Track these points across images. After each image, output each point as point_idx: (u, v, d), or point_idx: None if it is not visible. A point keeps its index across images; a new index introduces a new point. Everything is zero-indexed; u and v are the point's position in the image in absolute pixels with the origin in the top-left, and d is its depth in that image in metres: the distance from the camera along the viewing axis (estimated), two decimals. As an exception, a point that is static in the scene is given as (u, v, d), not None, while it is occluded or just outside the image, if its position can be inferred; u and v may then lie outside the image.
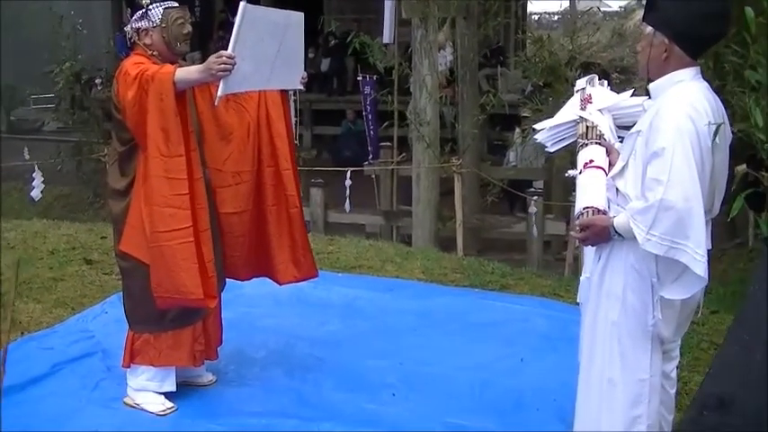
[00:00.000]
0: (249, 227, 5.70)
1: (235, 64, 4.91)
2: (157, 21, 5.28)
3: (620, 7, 31.88)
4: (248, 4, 4.98)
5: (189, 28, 5.40)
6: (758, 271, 2.77)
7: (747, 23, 4.21)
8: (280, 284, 5.96)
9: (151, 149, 5.06)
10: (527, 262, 11.82)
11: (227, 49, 4.97)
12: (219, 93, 5.00)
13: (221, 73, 4.91)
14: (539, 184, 14.04)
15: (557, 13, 45.83)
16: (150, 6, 5.29)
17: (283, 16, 5.51)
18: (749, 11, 4.24)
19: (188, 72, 5.06)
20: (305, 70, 5.65)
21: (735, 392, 2.60)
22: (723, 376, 2.75)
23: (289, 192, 5.70)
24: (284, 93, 5.79)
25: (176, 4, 5.40)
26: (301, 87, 5.73)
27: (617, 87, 8.01)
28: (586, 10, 16.36)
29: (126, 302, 5.55)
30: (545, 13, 49.05)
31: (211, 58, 4.96)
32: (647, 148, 4.02)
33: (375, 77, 15.59)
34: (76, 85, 18.58)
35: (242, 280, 6.00)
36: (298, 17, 5.50)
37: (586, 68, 13.73)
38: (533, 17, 44.04)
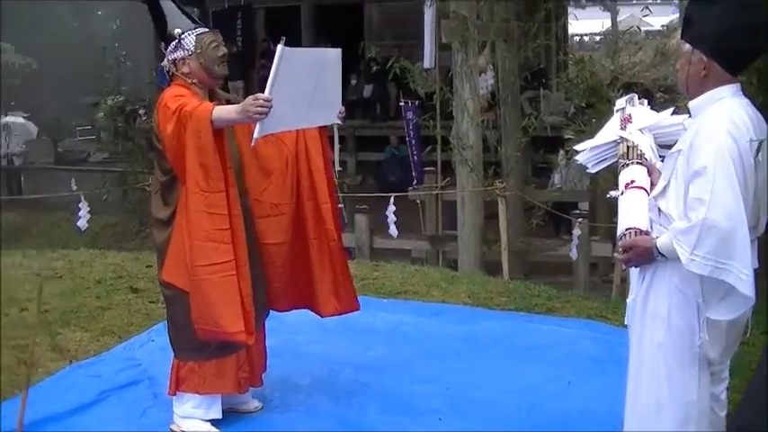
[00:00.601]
0: (289, 258, 5.73)
1: (272, 106, 4.90)
2: (192, 48, 5.32)
3: (663, 26, 31.71)
4: (285, 47, 4.97)
5: (224, 50, 5.43)
6: None
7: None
8: (321, 317, 5.99)
9: (191, 184, 5.09)
10: (574, 284, 11.75)
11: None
12: (256, 134, 5.01)
13: (258, 116, 4.92)
14: (584, 206, 13.97)
15: (598, 34, 45.71)
16: (183, 36, 5.32)
17: (320, 54, 5.54)
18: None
19: (226, 111, 5.07)
20: (347, 97, 5.67)
21: (765, 426, 2.54)
22: (753, 408, 2.70)
23: (328, 225, 5.72)
24: (323, 127, 5.80)
25: (207, 30, 5.44)
26: (339, 122, 5.74)
27: (661, 107, 7.98)
28: (628, 29, 16.32)
29: (170, 330, 5.58)
30: (586, 33, 48.96)
31: (249, 100, 4.96)
32: (688, 168, 3.98)
33: (417, 102, 15.60)
34: (120, 116, 18.75)
35: (280, 311, 6.01)
36: (335, 54, 5.52)
37: (629, 89, 13.70)
38: (575, 38, 43.99)
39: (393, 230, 12.46)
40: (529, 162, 17.13)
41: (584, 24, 44.57)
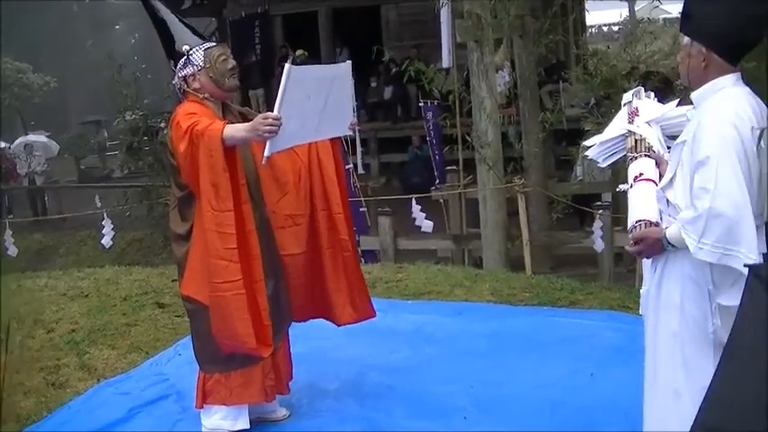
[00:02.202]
0: (306, 269, 5.80)
1: (281, 125, 4.95)
2: (201, 63, 5.37)
3: (680, 12, 31.51)
4: (293, 66, 5.01)
5: (233, 62, 5.47)
6: (743, 300, 2.73)
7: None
8: (338, 326, 6.05)
9: (204, 203, 5.16)
10: (599, 276, 11.76)
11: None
12: (266, 153, 5.05)
13: (268, 135, 4.97)
14: (607, 197, 13.95)
15: (616, 24, 45.57)
16: (191, 52, 5.38)
17: (330, 70, 5.58)
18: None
19: (236, 130, 5.10)
20: (368, 99, 5.73)
21: (728, 425, 2.55)
22: (716, 408, 2.70)
23: (341, 235, 5.78)
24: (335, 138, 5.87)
25: (215, 44, 5.50)
26: (350, 133, 5.78)
27: (680, 94, 8.01)
28: (644, 19, 16.29)
29: (195, 344, 5.65)
30: (605, 24, 48.83)
31: (258, 119, 5.01)
32: (692, 158, 4.02)
33: (437, 102, 15.64)
34: (140, 130, 18.84)
35: (298, 321, 6.06)
36: (345, 67, 5.57)
37: (646, 78, 13.71)
38: (593, 29, 43.89)
39: (427, 226, 12.48)
40: (551, 155, 17.14)
41: (602, 15, 44.48)
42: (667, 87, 13.27)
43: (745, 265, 3.36)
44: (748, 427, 2.56)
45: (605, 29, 49.42)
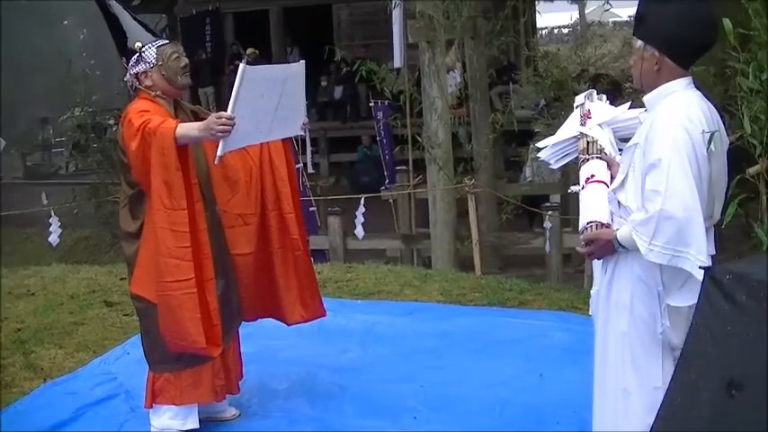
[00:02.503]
0: (255, 269, 5.78)
1: (234, 124, 4.94)
2: (153, 60, 5.33)
3: (630, 16, 31.80)
4: (247, 66, 5.01)
5: (185, 60, 5.44)
6: (700, 306, 2.74)
7: (726, 35, 4.27)
8: (288, 325, 6.03)
9: (155, 201, 5.13)
10: (547, 276, 11.83)
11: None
12: (219, 152, 5.03)
13: (221, 134, 4.95)
14: (555, 199, 14.04)
15: (566, 27, 45.85)
16: (143, 49, 5.33)
17: (283, 70, 5.59)
18: (727, 23, 4.30)
19: (189, 129, 5.09)
20: (318, 99, 5.72)
21: None
22: (673, 418, 2.71)
23: (293, 235, 5.77)
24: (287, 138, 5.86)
25: (168, 41, 5.47)
26: (302, 133, 5.78)
27: (629, 97, 8.05)
28: (594, 22, 16.40)
29: (144, 343, 5.60)
30: (555, 26, 49.11)
31: (212, 118, 4.99)
32: (644, 160, 4.06)
33: (387, 102, 15.65)
34: (89, 127, 18.68)
35: (247, 321, 6.04)
36: (298, 67, 5.56)
37: (596, 80, 13.81)
38: (543, 31, 44.12)
39: (359, 232, 12.48)
40: (501, 157, 17.21)
41: (553, 17, 44.74)
42: (616, 90, 13.39)
43: (701, 268, 3.39)
44: None
45: (556, 31, 49.73)
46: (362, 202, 12.11)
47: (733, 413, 2.53)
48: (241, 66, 5.00)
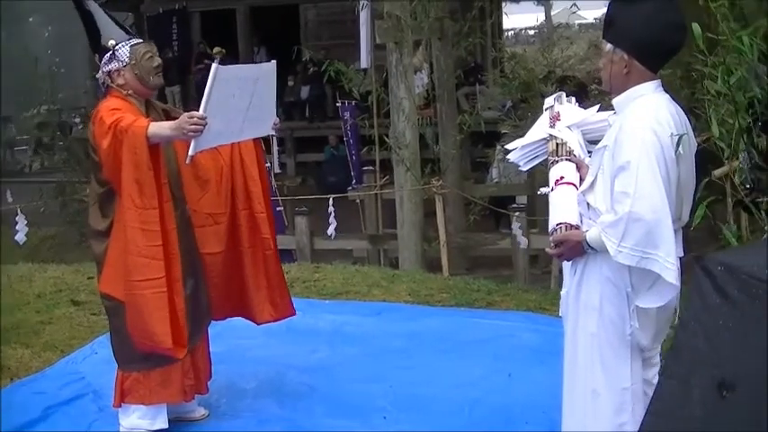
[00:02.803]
0: (225, 268, 5.77)
1: (206, 124, 4.94)
2: (126, 59, 5.31)
3: (596, 18, 31.95)
4: (220, 66, 4.99)
5: (158, 60, 5.43)
6: (691, 296, 2.69)
7: (695, 39, 4.31)
8: (257, 324, 6.03)
9: (125, 200, 5.11)
10: (514, 277, 11.87)
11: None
12: (191, 152, 5.03)
13: (192, 134, 4.95)
14: (522, 200, 14.10)
15: (533, 28, 45.98)
16: (117, 47, 5.32)
17: (255, 70, 5.59)
18: (696, 27, 4.35)
19: (161, 128, 5.08)
20: (285, 99, 5.72)
21: None
22: (664, 416, 2.67)
23: (263, 234, 5.77)
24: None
25: (141, 41, 5.45)
26: (274, 133, 5.79)
27: (595, 99, 8.09)
28: (561, 24, 16.48)
29: (113, 342, 5.57)
30: (522, 28, 49.23)
31: (184, 118, 4.99)
32: (613, 162, 4.10)
33: (354, 103, 15.66)
34: (54, 125, 18.58)
35: (217, 320, 6.03)
36: (269, 67, 5.55)
37: (562, 82, 13.88)
38: (510, 33, 44.25)
39: (331, 231, 12.50)
40: (468, 157, 17.25)
41: (519, 18, 44.86)
42: (582, 92, 13.48)
43: (694, 257, 3.36)
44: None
45: (522, 32, 49.85)
46: (331, 202, 12.11)
47: (725, 415, 2.49)
48: (213, 65, 4.99)
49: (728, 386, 2.48)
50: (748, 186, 5.00)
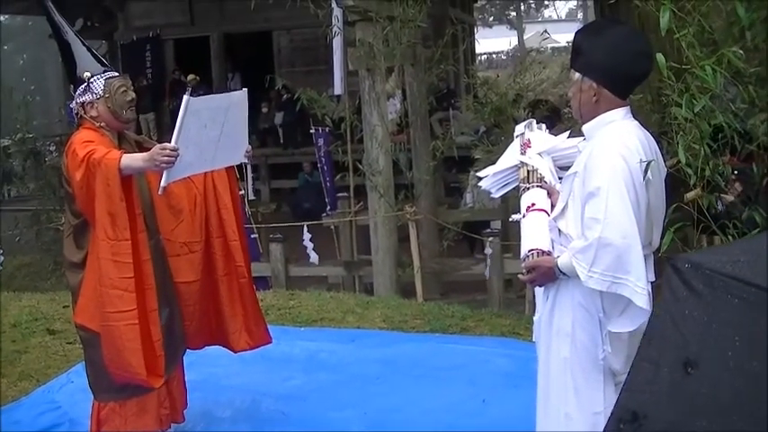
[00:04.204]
0: (201, 296, 5.79)
1: (178, 155, 4.97)
2: (100, 92, 5.34)
3: (568, 42, 32.14)
4: (191, 98, 5.02)
5: (132, 95, 5.46)
6: (662, 290, 2.98)
7: (660, 68, 4.39)
8: (234, 352, 6.05)
9: (99, 232, 5.13)
10: (489, 302, 11.90)
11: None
12: (163, 183, 5.07)
13: (165, 165, 4.99)
14: (496, 225, 14.13)
15: (505, 52, 46.27)
16: (92, 79, 5.35)
17: (226, 99, 5.61)
18: (661, 57, 4.42)
19: (133, 159, 5.10)
20: (259, 125, 5.73)
21: (647, 407, 2.82)
22: (636, 391, 2.95)
23: (237, 262, 5.80)
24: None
25: (117, 74, 5.47)
26: (246, 161, 5.82)
27: (569, 122, 8.16)
28: (533, 48, 16.56)
29: (89, 372, 5.58)
30: (494, 52, 49.50)
31: (156, 149, 5.02)
32: (583, 189, 4.15)
33: (328, 129, 15.69)
34: (29, 153, 18.55)
35: (193, 349, 6.04)
36: (240, 96, 5.58)
37: (535, 106, 13.96)
38: (481, 57, 44.44)
39: (314, 258, 12.52)
40: (441, 183, 17.29)
41: (492, 43, 45.14)
42: (555, 115, 13.57)
43: (665, 257, 3.51)
44: (664, 408, 2.78)
45: (495, 56, 50.12)
46: (305, 229, 12.14)
47: (689, 387, 2.77)
48: (185, 98, 5.01)
49: (692, 364, 2.76)
50: (713, 212, 5.08)
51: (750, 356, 2.66)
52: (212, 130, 5.28)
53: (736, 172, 6.31)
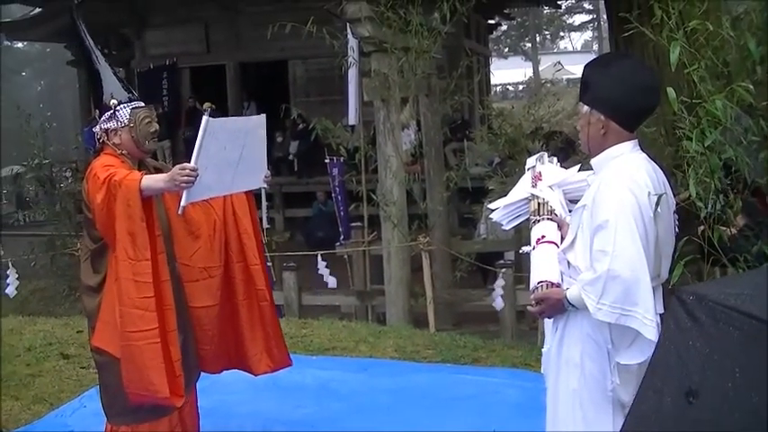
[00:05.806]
0: (220, 321, 5.82)
1: (198, 175, 5.03)
2: (125, 121, 5.41)
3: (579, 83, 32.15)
4: (211, 119, 5.10)
5: (156, 126, 5.54)
6: (666, 320, 3.04)
7: (671, 103, 4.43)
8: (255, 375, 6.07)
9: (119, 253, 5.17)
10: (501, 333, 11.90)
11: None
12: (183, 203, 5.13)
13: (185, 185, 5.04)
14: (509, 256, 14.13)
15: (521, 83, 46.27)
16: (118, 107, 5.42)
17: (245, 122, 5.68)
18: (671, 92, 4.46)
19: (154, 180, 5.16)
20: (273, 154, 5.77)
21: None
22: (640, 418, 3.01)
23: (258, 286, 5.85)
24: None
25: (143, 104, 5.54)
26: (265, 186, 5.86)
27: (582, 154, 8.23)
28: (548, 80, 16.60)
29: (103, 396, 5.61)
30: (509, 83, 49.57)
31: (176, 170, 5.08)
32: (592, 221, 4.19)
33: (342, 159, 15.75)
34: (45, 179, 18.67)
35: (212, 373, 6.08)
36: (259, 120, 5.65)
37: (549, 138, 13.98)
38: (497, 88, 44.50)
39: (332, 283, 12.55)
40: (455, 213, 17.32)
41: (507, 74, 45.16)
42: (570, 147, 13.59)
43: (670, 289, 3.55)
44: None
45: (510, 87, 50.17)
46: (320, 257, 12.18)
47: (691, 417, 2.81)
48: (205, 118, 5.09)
49: (694, 394, 2.81)
50: (723, 245, 5.11)
51: (749, 389, 2.70)
52: (231, 153, 5.33)
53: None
